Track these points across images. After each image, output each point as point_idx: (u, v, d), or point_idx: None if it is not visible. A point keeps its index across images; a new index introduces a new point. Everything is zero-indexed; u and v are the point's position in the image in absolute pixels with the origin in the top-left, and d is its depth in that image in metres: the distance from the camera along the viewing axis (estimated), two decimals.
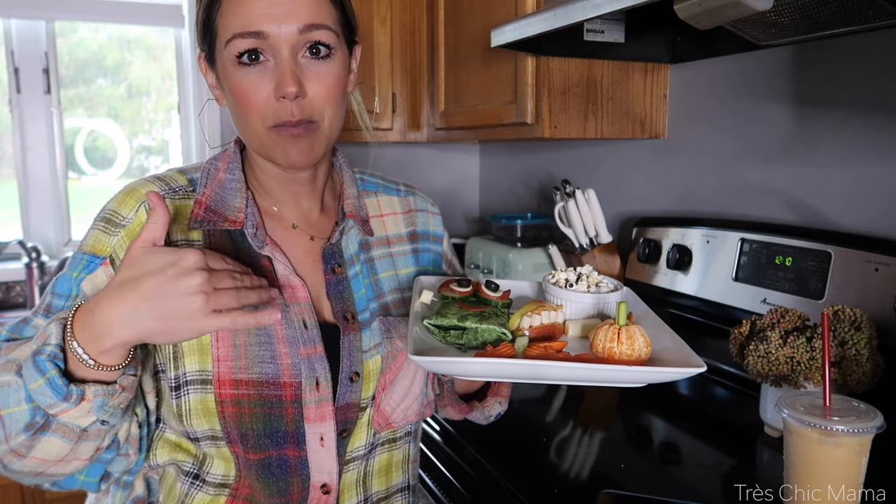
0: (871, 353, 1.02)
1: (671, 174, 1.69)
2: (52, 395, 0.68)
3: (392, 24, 2.05)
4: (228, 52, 0.80)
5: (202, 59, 0.87)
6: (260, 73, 0.80)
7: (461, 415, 1.01)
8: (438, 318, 0.84)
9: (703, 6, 0.95)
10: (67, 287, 0.81)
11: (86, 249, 0.82)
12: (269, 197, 0.92)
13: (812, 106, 1.33)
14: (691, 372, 0.74)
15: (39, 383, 0.68)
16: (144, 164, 2.67)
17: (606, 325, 0.80)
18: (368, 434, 0.92)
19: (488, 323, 0.83)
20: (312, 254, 0.92)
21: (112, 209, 0.84)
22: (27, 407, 0.70)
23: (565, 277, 0.95)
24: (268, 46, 0.79)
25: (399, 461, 0.99)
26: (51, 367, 0.68)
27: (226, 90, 0.84)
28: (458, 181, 2.67)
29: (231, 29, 0.79)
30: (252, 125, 0.82)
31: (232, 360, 0.83)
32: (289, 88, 0.78)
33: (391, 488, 0.98)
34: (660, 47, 1.54)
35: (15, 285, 2.36)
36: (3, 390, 0.71)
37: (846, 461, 0.76)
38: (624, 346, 0.77)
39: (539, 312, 0.87)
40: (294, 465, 0.86)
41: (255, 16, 0.78)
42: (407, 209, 1.05)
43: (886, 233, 1.19)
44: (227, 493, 0.86)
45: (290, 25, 0.79)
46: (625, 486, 1.01)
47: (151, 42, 2.62)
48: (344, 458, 0.90)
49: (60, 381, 0.68)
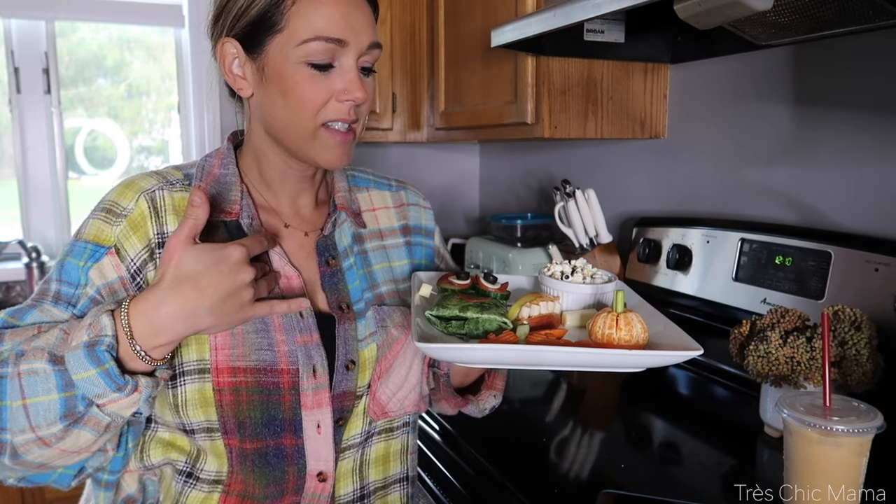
0: (871, 353, 1.02)
1: (671, 174, 1.69)
2: (104, 384, 0.70)
3: (392, 24, 2.05)
4: (301, 52, 0.81)
5: (231, 45, 0.85)
6: (327, 76, 0.83)
7: (456, 408, 1.02)
8: (440, 309, 0.86)
9: (703, 6, 0.96)
10: (76, 276, 0.81)
11: (88, 238, 0.82)
12: (266, 192, 0.93)
13: (812, 106, 1.33)
14: (689, 355, 0.76)
15: (92, 373, 0.70)
16: (144, 163, 2.67)
17: (605, 313, 0.81)
18: (364, 422, 0.93)
19: (489, 313, 0.85)
20: (306, 247, 0.93)
21: (112, 200, 0.85)
22: (58, 396, 0.70)
23: (561, 269, 0.97)
24: (340, 54, 0.83)
25: (397, 451, 0.99)
26: (109, 358, 0.70)
27: (273, 84, 0.83)
28: (458, 181, 2.67)
29: (312, 30, 0.80)
30: (303, 122, 0.84)
31: (230, 347, 0.84)
32: (359, 94, 0.83)
33: (389, 478, 0.99)
34: (660, 47, 1.54)
35: (15, 285, 2.36)
36: (31, 378, 0.71)
37: (846, 461, 0.76)
38: (623, 332, 0.79)
39: (537, 303, 0.88)
40: (290, 453, 0.87)
41: (340, 23, 0.81)
42: (399, 203, 1.06)
43: (886, 233, 1.19)
44: (220, 489, 0.86)
45: (364, 40, 0.84)
46: (625, 486, 1.01)
47: (151, 42, 2.62)
48: (340, 446, 0.91)
49: (118, 372, 0.70)
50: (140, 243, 0.83)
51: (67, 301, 0.80)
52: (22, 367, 0.71)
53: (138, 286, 0.82)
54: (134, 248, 0.82)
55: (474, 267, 2.08)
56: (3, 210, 2.44)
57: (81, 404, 0.71)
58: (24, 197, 2.41)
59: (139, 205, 0.84)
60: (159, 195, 0.86)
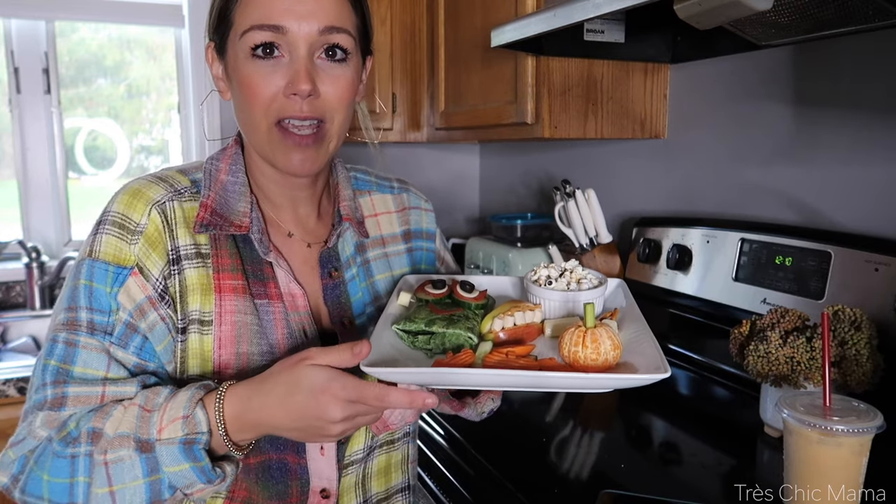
0: (871, 353, 1.02)
1: (671, 174, 1.69)
2: (195, 477, 0.72)
3: (392, 24, 2.05)
4: (243, 43, 0.79)
5: (211, 49, 0.86)
6: (272, 68, 0.79)
7: (454, 411, 1.01)
8: (406, 323, 0.82)
9: (703, 6, 0.95)
10: (106, 302, 0.78)
11: (107, 259, 0.79)
12: (268, 201, 0.91)
13: (812, 106, 1.33)
14: (651, 379, 0.70)
15: (185, 467, 0.71)
16: (144, 163, 2.67)
17: (573, 328, 0.77)
18: (366, 438, 0.92)
19: (455, 328, 0.81)
20: (310, 261, 0.92)
21: (122, 213, 0.81)
22: (143, 481, 0.72)
23: (547, 274, 0.92)
24: (285, 42, 0.78)
25: (398, 462, 0.99)
26: (204, 456, 0.72)
27: (233, 82, 0.83)
28: (458, 181, 2.67)
29: (249, 20, 0.78)
30: (256, 120, 0.81)
31: (233, 368, 0.83)
32: (302, 86, 0.78)
33: (391, 489, 0.98)
34: (660, 47, 1.54)
35: (15, 285, 2.36)
36: (118, 466, 0.72)
37: (846, 461, 0.76)
38: (589, 351, 0.74)
39: (512, 314, 0.84)
40: (294, 469, 0.86)
41: (277, 10, 0.78)
42: (401, 207, 1.05)
43: (886, 233, 1.19)
44: (223, 496, 0.85)
45: (311, 24, 0.78)
46: (625, 486, 1.01)
47: (151, 42, 2.62)
48: (343, 463, 0.90)
49: (211, 467, 0.73)
50: (161, 260, 0.81)
51: (103, 330, 0.78)
52: (109, 455, 0.72)
53: (167, 304, 0.81)
54: (156, 266, 0.80)
55: (474, 267, 2.08)
56: (3, 210, 2.44)
57: (168, 492, 0.73)
58: (24, 197, 2.41)
59: (152, 219, 0.81)
60: (170, 207, 0.83)
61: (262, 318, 0.84)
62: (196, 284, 0.82)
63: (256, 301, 0.84)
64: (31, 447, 0.75)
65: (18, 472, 0.75)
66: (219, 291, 0.83)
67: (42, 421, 0.75)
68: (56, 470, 0.73)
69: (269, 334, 0.84)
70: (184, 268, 0.82)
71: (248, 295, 0.84)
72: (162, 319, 0.81)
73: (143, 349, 0.80)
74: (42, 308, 2.33)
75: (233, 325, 0.83)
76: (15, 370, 1.72)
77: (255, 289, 0.85)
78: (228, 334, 0.83)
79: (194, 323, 0.82)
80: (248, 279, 0.85)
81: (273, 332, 0.85)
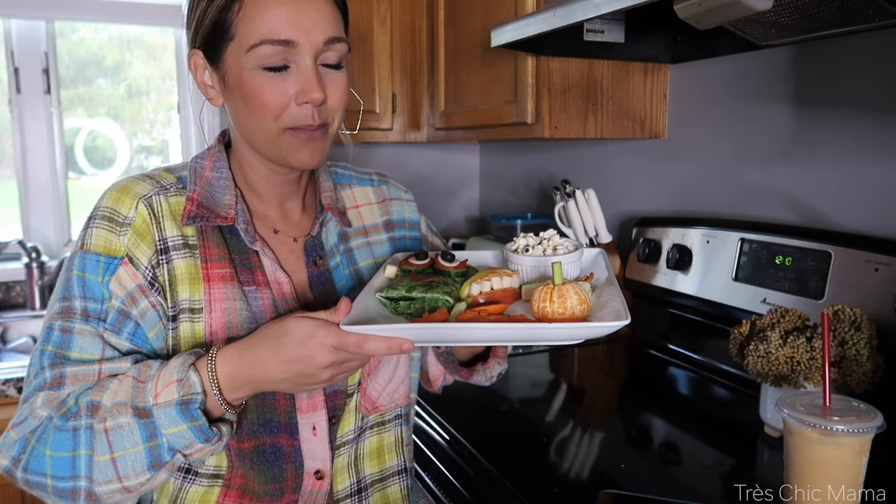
0: (871, 353, 1.02)
1: (671, 174, 1.69)
2: (194, 437, 0.74)
3: (392, 24, 2.05)
4: (251, 57, 0.81)
5: (198, 57, 0.87)
6: (283, 79, 0.82)
7: (464, 379, 1.04)
8: (389, 291, 0.87)
9: (703, 6, 0.95)
10: (98, 291, 0.81)
11: (97, 250, 0.82)
12: (255, 196, 0.94)
13: (812, 106, 1.33)
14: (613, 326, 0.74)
15: (183, 428, 0.74)
16: (144, 163, 2.67)
17: (542, 286, 0.80)
18: (356, 419, 0.95)
19: (434, 292, 0.85)
20: (295, 252, 0.94)
21: (110, 207, 0.84)
22: (143, 447, 0.74)
23: (525, 243, 0.96)
24: (294, 54, 0.81)
25: (391, 444, 1.00)
26: (201, 415, 0.75)
27: (233, 91, 0.84)
28: (458, 181, 2.67)
29: (258, 34, 0.80)
30: (266, 126, 0.84)
31: None
32: (316, 95, 0.81)
33: (386, 471, 1.00)
34: (660, 47, 1.54)
35: (15, 285, 2.36)
36: (118, 433, 0.74)
37: (846, 461, 0.76)
38: (556, 305, 0.78)
39: (489, 279, 0.88)
40: (288, 452, 0.88)
41: (285, 23, 0.80)
42: (381, 198, 1.07)
43: (886, 233, 1.19)
44: (220, 483, 0.87)
45: (317, 36, 0.81)
46: (625, 486, 1.01)
47: (151, 42, 2.62)
48: (334, 444, 0.92)
49: (208, 426, 0.75)
50: (149, 250, 0.84)
51: (97, 317, 0.81)
52: (108, 423, 0.75)
53: (157, 291, 0.84)
54: (145, 255, 0.83)
55: None
56: (3, 210, 2.44)
57: (168, 455, 0.75)
58: (24, 197, 2.41)
59: (139, 211, 0.84)
60: (156, 200, 0.86)
61: (252, 304, 0.87)
62: (185, 274, 0.85)
63: (245, 288, 0.87)
64: (32, 427, 0.77)
65: (20, 453, 0.77)
66: (207, 280, 0.86)
67: (42, 401, 0.78)
68: (58, 444, 0.75)
69: (258, 320, 0.86)
70: (172, 258, 0.85)
71: (236, 282, 0.87)
72: (153, 306, 0.83)
73: (135, 335, 0.83)
74: (42, 308, 2.33)
75: (223, 312, 0.85)
76: (15, 370, 1.71)
77: (243, 276, 0.88)
78: (219, 321, 0.85)
79: (185, 311, 0.84)
80: (235, 268, 0.87)
81: (262, 318, 0.87)
